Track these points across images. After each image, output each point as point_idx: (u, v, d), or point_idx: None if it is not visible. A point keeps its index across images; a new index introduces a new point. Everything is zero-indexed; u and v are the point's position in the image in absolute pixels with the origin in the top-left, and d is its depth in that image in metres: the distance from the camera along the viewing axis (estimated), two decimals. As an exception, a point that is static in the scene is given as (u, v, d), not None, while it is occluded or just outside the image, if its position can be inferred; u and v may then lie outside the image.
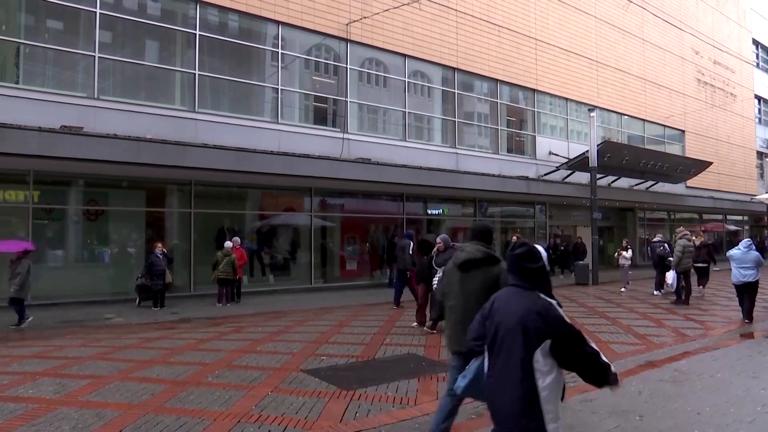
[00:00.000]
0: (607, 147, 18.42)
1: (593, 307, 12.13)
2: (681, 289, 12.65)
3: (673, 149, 26.80)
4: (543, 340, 2.57)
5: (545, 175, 20.01)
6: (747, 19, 33.07)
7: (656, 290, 14.36)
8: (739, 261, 9.87)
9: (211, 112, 13.45)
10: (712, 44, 28.62)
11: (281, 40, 14.72)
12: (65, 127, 10.79)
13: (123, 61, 12.53)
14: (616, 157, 19.30)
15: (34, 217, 12.02)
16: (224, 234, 14.02)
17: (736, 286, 10.10)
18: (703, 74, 29.15)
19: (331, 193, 16.54)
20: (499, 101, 19.89)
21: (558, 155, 20.76)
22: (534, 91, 20.86)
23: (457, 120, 18.53)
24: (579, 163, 18.57)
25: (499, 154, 19.71)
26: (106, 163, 11.09)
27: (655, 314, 11.04)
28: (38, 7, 11.78)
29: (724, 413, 5.00)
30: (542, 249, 2.85)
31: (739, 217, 34.10)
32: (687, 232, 13.16)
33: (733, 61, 30.79)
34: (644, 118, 25.64)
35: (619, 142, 22.74)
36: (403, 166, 15.56)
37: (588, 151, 17.56)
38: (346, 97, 15.89)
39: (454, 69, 18.34)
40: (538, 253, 2.79)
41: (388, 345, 7.87)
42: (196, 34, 13.30)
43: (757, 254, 9.83)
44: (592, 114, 16.33)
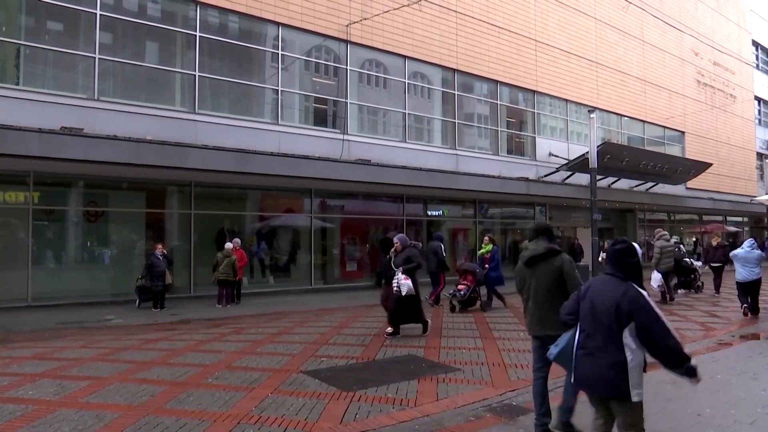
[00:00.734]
0: (607, 148, 18.40)
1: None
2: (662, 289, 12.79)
3: (673, 150, 26.79)
4: (630, 322, 3.12)
5: (545, 176, 20.01)
6: (746, 21, 33.06)
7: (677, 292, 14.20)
8: (744, 260, 10.41)
9: (211, 113, 13.45)
10: (711, 45, 28.60)
11: (281, 42, 14.72)
12: (65, 128, 10.79)
13: (123, 63, 12.55)
14: (616, 159, 19.29)
15: (34, 219, 12.01)
16: (224, 235, 14.03)
17: (742, 284, 10.57)
18: (703, 75, 29.14)
19: (331, 195, 16.54)
20: (499, 102, 19.89)
21: (558, 156, 20.75)
22: (534, 92, 20.86)
23: (457, 121, 18.53)
24: (579, 165, 18.54)
25: (499, 155, 19.71)
26: (106, 165, 11.09)
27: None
28: (39, 8, 11.78)
29: (725, 414, 5.00)
30: (638, 246, 3.40)
31: (739, 219, 34.06)
32: (665, 233, 13.30)
33: (733, 62, 30.77)
34: (644, 119, 25.64)
35: (619, 143, 22.75)
36: (403, 168, 15.55)
37: (588, 153, 17.50)
38: (346, 99, 15.89)
39: (454, 70, 18.34)
40: (635, 250, 3.36)
41: (388, 346, 7.86)
42: (196, 35, 13.31)
43: (760, 252, 10.49)
44: (591, 115, 16.31)
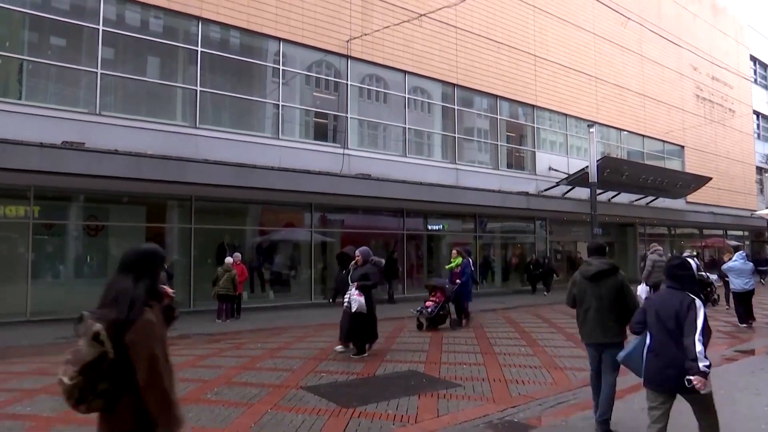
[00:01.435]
0: (606, 162, 18.45)
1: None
2: None
3: (673, 164, 26.86)
4: None
5: (545, 190, 20.02)
6: (744, 36, 33.36)
7: None
8: (740, 272, 11.19)
9: (212, 127, 13.51)
10: (710, 60, 28.83)
11: (282, 57, 14.84)
12: (66, 142, 10.83)
13: (125, 77, 12.63)
14: (615, 173, 19.33)
15: (34, 233, 12.00)
16: (224, 249, 14.01)
17: (739, 294, 11.28)
18: (702, 90, 29.32)
19: (332, 209, 16.55)
20: (498, 117, 19.99)
21: (558, 171, 20.81)
22: (533, 106, 20.97)
23: (457, 136, 18.60)
24: (579, 179, 18.58)
25: (499, 169, 19.76)
26: (106, 179, 11.12)
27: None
28: (42, 24, 11.90)
29: (728, 430, 4.94)
30: (693, 262, 3.64)
31: (740, 233, 34.02)
32: (659, 248, 13.37)
33: (731, 76, 31.00)
34: (643, 133, 25.75)
35: (619, 157, 22.82)
36: (403, 182, 15.59)
37: (588, 167, 17.56)
38: (347, 113, 15.97)
39: (454, 85, 18.46)
40: (689, 264, 3.93)
41: (389, 362, 7.81)
42: (197, 50, 13.42)
43: (752, 264, 11.70)
44: (591, 129, 16.40)
